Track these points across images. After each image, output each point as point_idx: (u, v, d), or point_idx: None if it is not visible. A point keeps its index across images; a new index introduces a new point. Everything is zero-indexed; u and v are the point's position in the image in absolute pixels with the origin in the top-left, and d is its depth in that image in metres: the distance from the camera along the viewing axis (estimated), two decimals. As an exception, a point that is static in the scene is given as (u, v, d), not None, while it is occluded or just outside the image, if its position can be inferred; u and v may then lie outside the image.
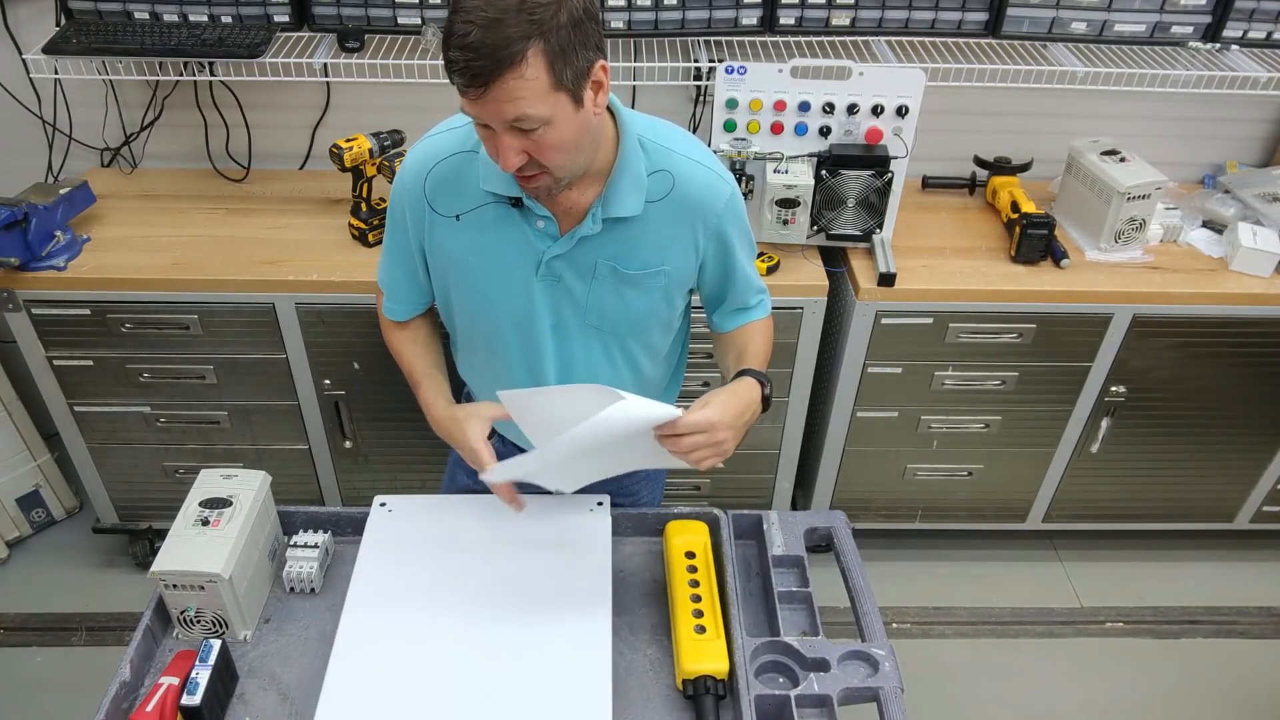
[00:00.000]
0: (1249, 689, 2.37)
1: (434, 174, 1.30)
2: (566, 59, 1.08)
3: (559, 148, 1.14)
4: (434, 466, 1.98)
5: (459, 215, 1.30)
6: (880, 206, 2.16)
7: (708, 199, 1.31)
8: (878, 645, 1.35)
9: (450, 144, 1.30)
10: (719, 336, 1.52)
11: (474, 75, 1.06)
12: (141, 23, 2.15)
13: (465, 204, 1.30)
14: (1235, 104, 2.46)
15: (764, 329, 1.49)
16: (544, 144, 1.13)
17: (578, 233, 1.28)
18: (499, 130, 1.12)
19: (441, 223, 1.32)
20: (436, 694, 1.26)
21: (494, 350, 1.42)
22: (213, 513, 1.37)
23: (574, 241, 1.28)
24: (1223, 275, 2.21)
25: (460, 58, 1.05)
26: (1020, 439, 2.40)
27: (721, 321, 1.49)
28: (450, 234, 1.32)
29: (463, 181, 1.29)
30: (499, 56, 1.04)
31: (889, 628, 2.47)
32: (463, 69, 1.06)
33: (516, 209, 1.28)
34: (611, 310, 1.35)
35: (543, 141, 1.12)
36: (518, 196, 1.26)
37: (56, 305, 2.10)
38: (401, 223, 1.37)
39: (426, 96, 2.28)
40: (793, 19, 2.20)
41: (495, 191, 1.27)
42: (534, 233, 1.29)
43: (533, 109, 1.08)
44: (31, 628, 2.44)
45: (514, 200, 1.27)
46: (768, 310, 1.51)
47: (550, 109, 1.10)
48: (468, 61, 1.05)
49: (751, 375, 1.35)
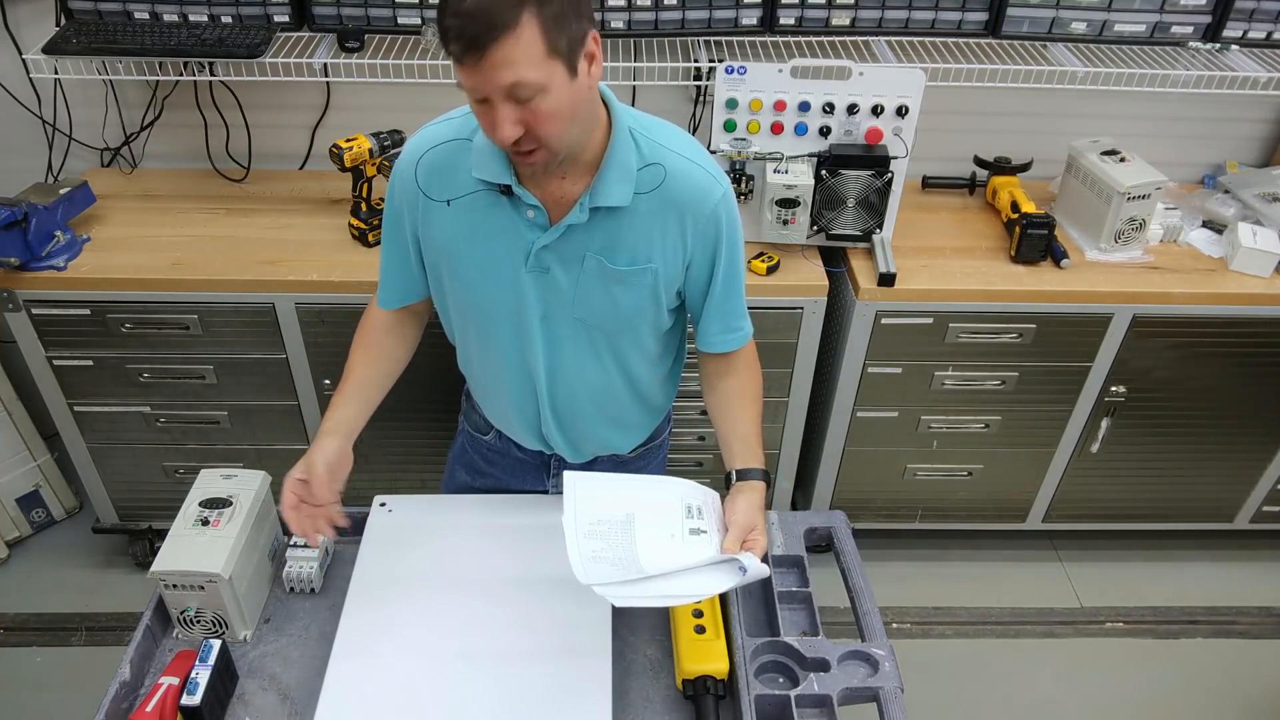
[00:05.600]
0: (1249, 689, 2.37)
1: (427, 159, 1.31)
2: (560, 26, 1.08)
3: (555, 117, 1.13)
4: (434, 466, 1.98)
5: (449, 201, 1.31)
6: (880, 206, 2.16)
7: (698, 197, 1.30)
8: (878, 645, 1.35)
9: (446, 132, 1.31)
10: (705, 359, 1.49)
11: (469, 41, 1.06)
12: (141, 23, 2.15)
13: (457, 190, 1.30)
14: (1235, 104, 2.46)
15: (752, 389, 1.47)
16: (540, 114, 1.12)
17: (566, 221, 1.28)
18: (495, 100, 1.11)
19: (433, 208, 1.32)
20: (436, 693, 1.26)
21: (486, 341, 1.42)
22: (213, 513, 1.37)
23: (561, 231, 1.28)
24: (1223, 275, 2.21)
25: (455, 24, 1.05)
26: (1020, 439, 2.40)
27: (703, 339, 1.45)
28: (441, 219, 1.32)
29: (455, 168, 1.30)
30: (494, 22, 1.04)
31: (889, 628, 2.47)
32: (458, 35, 1.06)
33: (507, 198, 1.28)
34: (599, 305, 1.35)
35: (539, 111, 1.12)
36: (508, 184, 1.26)
37: (56, 305, 2.10)
38: (397, 209, 1.38)
39: (426, 96, 2.28)
40: (793, 19, 2.20)
41: (486, 179, 1.27)
42: (524, 222, 1.29)
43: (528, 75, 1.08)
44: (31, 628, 2.44)
45: (504, 189, 1.27)
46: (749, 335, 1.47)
47: (545, 76, 1.09)
48: (462, 27, 1.05)
49: (757, 478, 1.38)
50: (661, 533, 1.30)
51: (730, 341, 1.44)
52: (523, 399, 1.47)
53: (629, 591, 1.22)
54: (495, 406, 1.56)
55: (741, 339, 1.45)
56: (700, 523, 1.33)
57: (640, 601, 1.22)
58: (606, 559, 1.25)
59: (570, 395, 1.45)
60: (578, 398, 1.46)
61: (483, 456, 1.66)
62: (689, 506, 1.34)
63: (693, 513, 1.34)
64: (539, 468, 1.61)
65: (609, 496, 1.33)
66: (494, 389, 1.52)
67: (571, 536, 1.25)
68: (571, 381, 1.44)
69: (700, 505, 1.35)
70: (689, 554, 1.28)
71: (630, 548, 1.27)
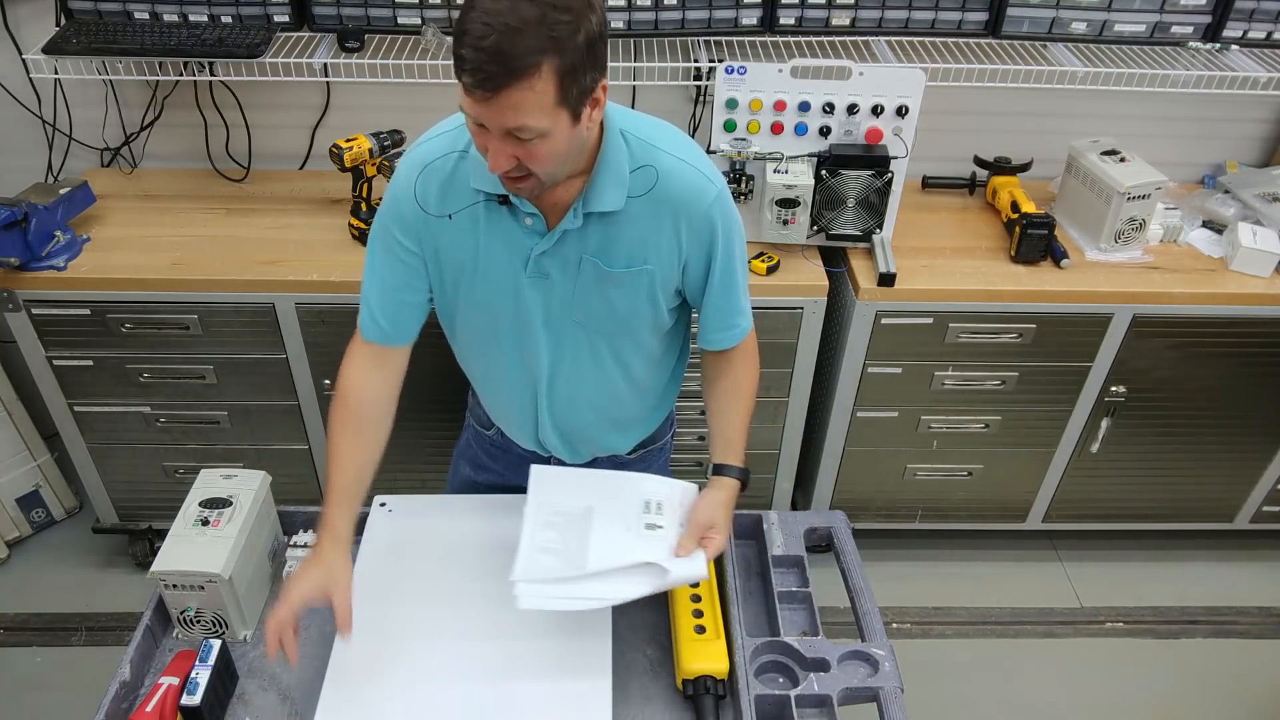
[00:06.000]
0: (1249, 689, 2.37)
1: (425, 176, 1.30)
2: (574, 78, 1.09)
3: (549, 158, 1.14)
4: (434, 466, 1.98)
5: (451, 215, 1.31)
6: (880, 206, 2.16)
7: (692, 198, 1.29)
8: (878, 645, 1.35)
9: (439, 147, 1.30)
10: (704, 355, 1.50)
11: (485, 79, 1.05)
12: (141, 23, 2.15)
13: (457, 203, 1.30)
14: (1235, 104, 2.46)
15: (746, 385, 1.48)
16: (535, 153, 1.13)
17: (560, 227, 1.28)
18: (494, 134, 1.12)
19: (436, 223, 1.32)
20: (436, 693, 1.26)
21: (490, 347, 1.42)
22: (213, 513, 1.37)
23: (558, 236, 1.28)
24: (1223, 275, 2.21)
25: (474, 59, 1.05)
26: (1020, 439, 2.40)
27: (701, 336, 1.46)
28: (445, 234, 1.32)
29: (454, 182, 1.29)
30: (512, 66, 1.04)
31: (889, 628, 2.47)
32: (474, 70, 1.05)
33: (505, 207, 1.28)
34: (596, 308, 1.35)
35: (534, 151, 1.13)
36: (506, 194, 1.26)
37: (56, 305, 2.10)
38: (393, 235, 1.34)
39: (426, 96, 2.28)
40: (793, 19, 2.20)
41: (485, 190, 1.27)
42: (522, 230, 1.29)
43: (534, 121, 1.09)
44: (31, 628, 2.44)
45: (503, 198, 1.27)
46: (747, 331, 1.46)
47: (550, 123, 1.10)
48: (480, 64, 1.05)
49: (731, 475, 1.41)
50: (617, 526, 1.33)
51: (727, 339, 1.44)
52: (522, 402, 1.47)
53: (547, 591, 1.25)
54: (495, 407, 1.57)
55: (738, 336, 1.45)
56: (658, 518, 1.36)
57: (549, 604, 1.25)
58: (556, 551, 1.29)
59: (570, 399, 1.46)
60: (577, 401, 1.46)
61: (485, 451, 1.67)
62: (648, 502, 1.38)
63: (651, 508, 1.37)
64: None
65: (573, 489, 1.38)
66: (494, 391, 1.53)
67: (528, 527, 1.30)
68: (572, 385, 1.44)
69: (661, 501, 1.38)
70: (640, 550, 1.30)
71: (582, 540, 1.30)
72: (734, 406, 1.47)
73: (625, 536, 1.32)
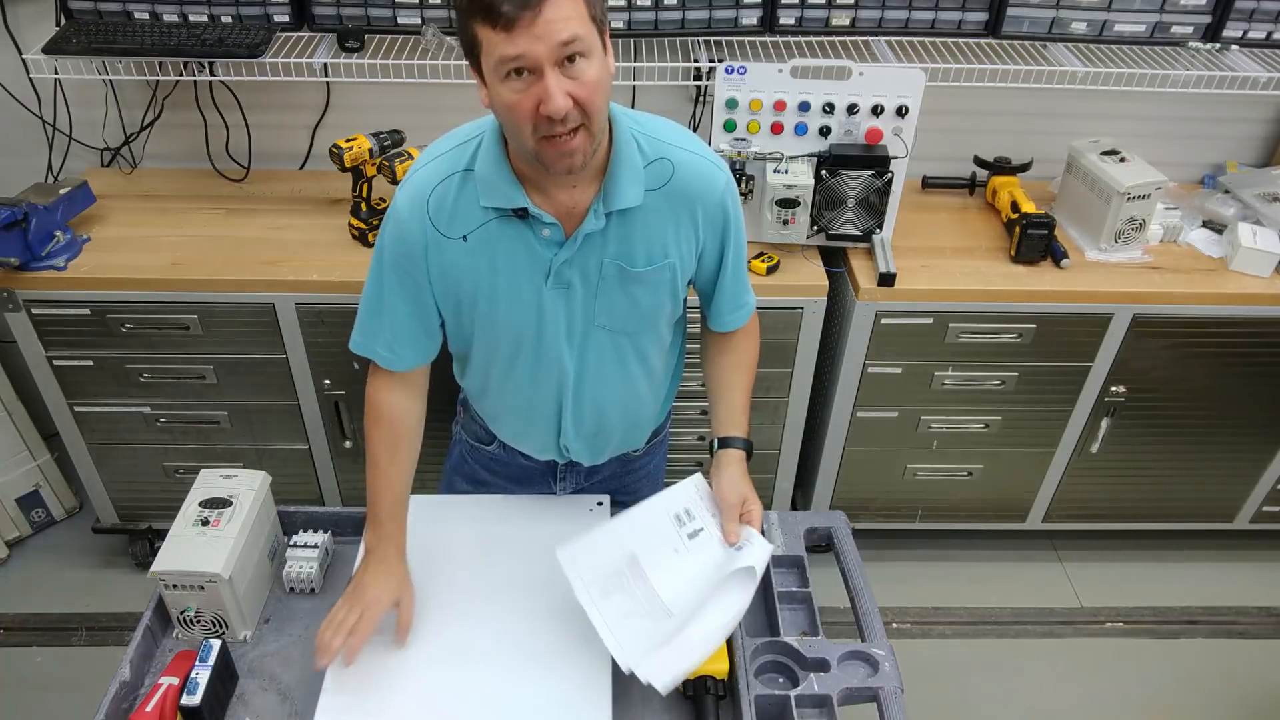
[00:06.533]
0: (1248, 689, 2.37)
1: (433, 201, 1.27)
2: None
3: (599, 86, 1.13)
4: (434, 466, 1.97)
5: (465, 236, 1.28)
6: (880, 206, 2.16)
7: (706, 187, 1.31)
8: (878, 645, 1.35)
9: (439, 171, 1.28)
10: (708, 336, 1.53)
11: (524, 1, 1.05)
12: (141, 23, 2.15)
13: (469, 224, 1.27)
14: (1235, 104, 2.46)
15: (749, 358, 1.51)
16: (587, 82, 1.11)
17: (582, 230, 1.27)
18: (546, 67, 1.08)
19: (449, 245, 1.28)
20: (436, 693, 1.26)
21: (511, 368, 1.40)
22: (213, 513, 1.37)
23: (580, 241, 1.27)
24: (1223, 275, 2.21)
25: None
26: (1020, 439, 2.40)
27: (715, 319, 1.49)
28: (459, 256, 1.29)
29: (462, 203, 1.27)
30: None
31: (889, 628, 2.47)
32: None
33: (520, 220, 1.26)
34: (620, 309, 1.35)
35: (585, 79, 1.11)
36: (522, 207, 1.24)
37: (56, 305, 2.10)
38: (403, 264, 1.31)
39: (426, 96, 2.28)
40: (793, 19, 2.20)
41: (498, 206, 1.25)
42: (540, 241, 1.28)
43: (582, 29, 1.09)
44: (31, 628, 2.44)
45: (519, 211, 1.25)
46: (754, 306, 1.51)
47: (593, 38, 1.11)
48: None
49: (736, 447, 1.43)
50: (665, 552, 1.33)
51: (739, 318, 1.49)
52: (545, 415, 1.46)
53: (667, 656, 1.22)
54: (510, 427, 1.54)
55: (748, 313, 1.50)
56: (694, 524, 1.37)
57: (682, 666, 1.22)
58: (634, 611, 1.27)
59: (595, 402, 1.45)
60: (601, 403, 1.46)
61: (485, 466, 1.65)
62: (676, 515, 1.38)
63: (683, 518, 1.38)
64: (545, 473, 1.60)
65: (604, 548, 1.35)
66: (511, 409, 1.50)
67: (593, 611, 1.27)
68: (597, 388, 1.43)
69: (687, 507, 1.39)
70: (699, 559, 1.31)
71: (647, 585, 1.30)
72: (738, 379, 1.49)
73: (677, 557, 1.33)
